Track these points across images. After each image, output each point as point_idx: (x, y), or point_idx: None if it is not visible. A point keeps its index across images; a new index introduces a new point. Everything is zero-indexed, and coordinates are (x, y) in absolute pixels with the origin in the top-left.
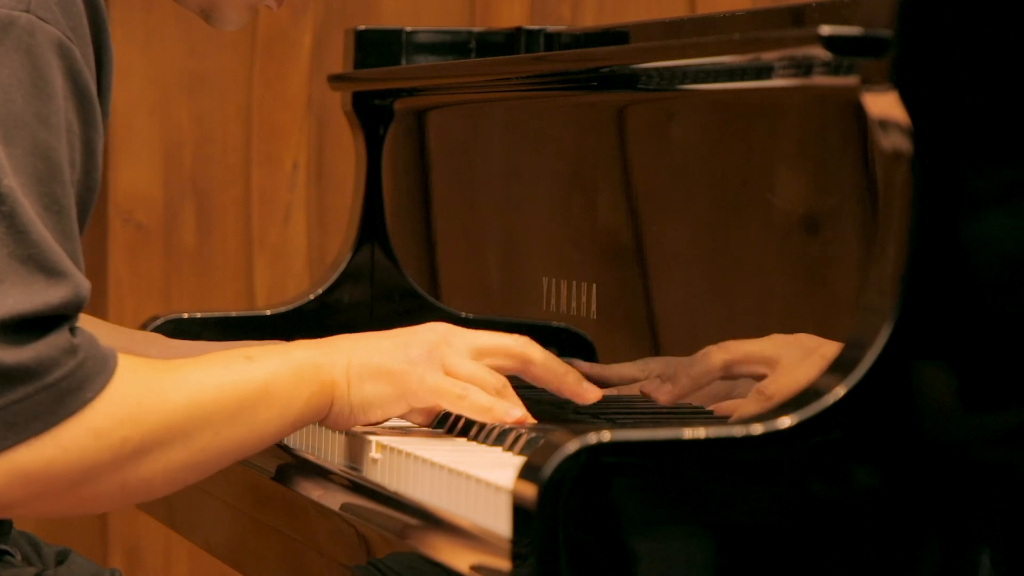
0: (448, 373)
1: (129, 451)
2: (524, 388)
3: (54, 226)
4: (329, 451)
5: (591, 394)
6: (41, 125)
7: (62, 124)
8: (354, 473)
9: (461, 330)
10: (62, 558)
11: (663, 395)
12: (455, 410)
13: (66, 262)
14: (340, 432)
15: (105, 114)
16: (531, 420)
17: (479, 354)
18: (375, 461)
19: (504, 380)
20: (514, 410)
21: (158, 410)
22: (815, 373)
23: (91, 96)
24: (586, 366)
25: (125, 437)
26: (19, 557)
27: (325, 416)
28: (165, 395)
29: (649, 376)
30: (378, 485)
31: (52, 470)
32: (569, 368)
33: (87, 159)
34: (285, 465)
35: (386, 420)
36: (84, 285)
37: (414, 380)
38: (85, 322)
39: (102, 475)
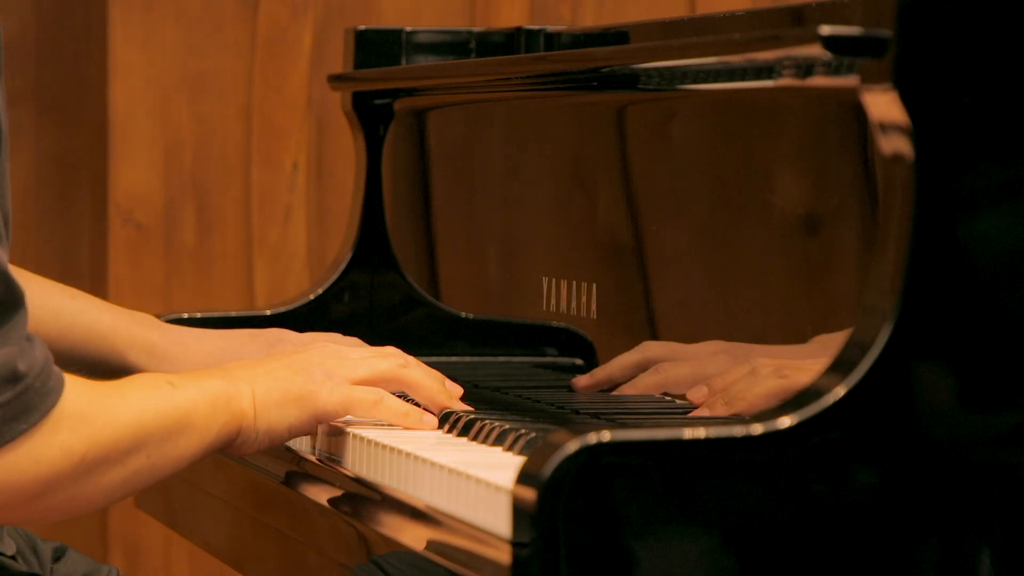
0: (354, 383)
1: (85, 468)
2: (522, 388)
3: None
4: (329, 451)
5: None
6: None
7: None
8: (354, 473)
9: (343, 351)
10: (59, 555)
11: (718, 412)
12: (371, 416)
13: None
14: (341, 433)
15: None
16: (435, 425)
17: (356, 384)
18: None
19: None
20: (427, 416)
21: (111, 430)
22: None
23: None
24: (587, 377)
25: (84, 454)
26: (13, 548)
27: (231, 443)
28: (115, 415)
29: (649, 359)
30: (378, 485)
31: (22, 481)
32: (441, 387)
33: None
34: (285, 465)
35: (293, 439)
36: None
37: (323, 398)
38: (88, 301)
39: (59, 489)
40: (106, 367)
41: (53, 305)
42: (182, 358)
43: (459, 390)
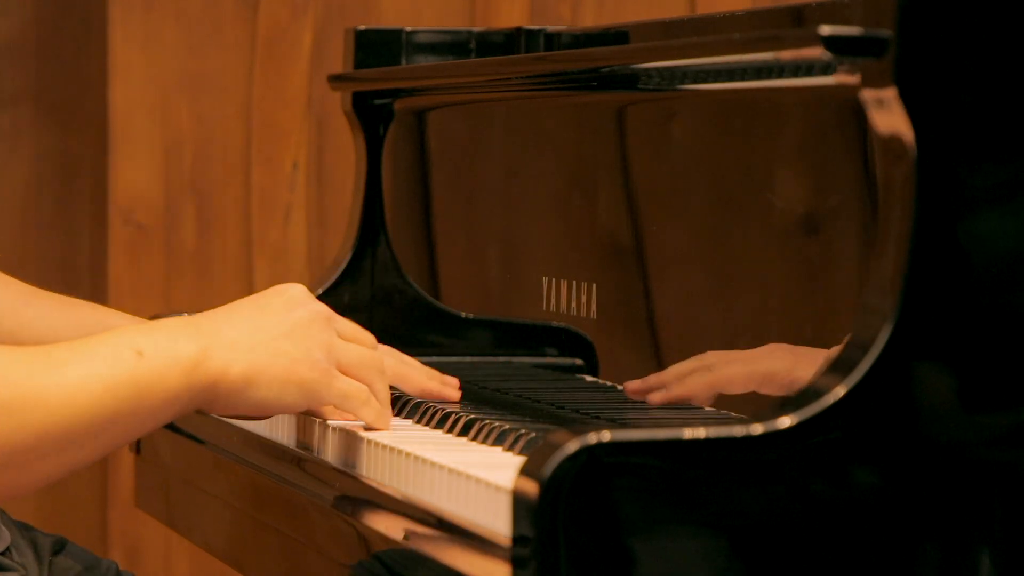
0: (342, 369)
1: (4, 459)
2: (522, 388)
3: None
4: (329, 451)
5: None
6: None
7: None
8: (354, 473)
9: (335, 323)
10: (58, 548)
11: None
12: (356, 413)
13: None
14: (341, 432)
15: None
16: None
17: (341, 368)
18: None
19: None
20: (390, 418)
21: (39, 417)
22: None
23: None
24: (639, 381)
25: (1, 445)
26: (8, 541)
27: (205, 408)
28: (44, 401)
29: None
30: (378, 485)
31: None
32: (421, 372)
33: None
34: (285, 465)
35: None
36: None
37: (323, 387)
38: (107, 312)
39: None
40: None
41: (73, 316)
42: None
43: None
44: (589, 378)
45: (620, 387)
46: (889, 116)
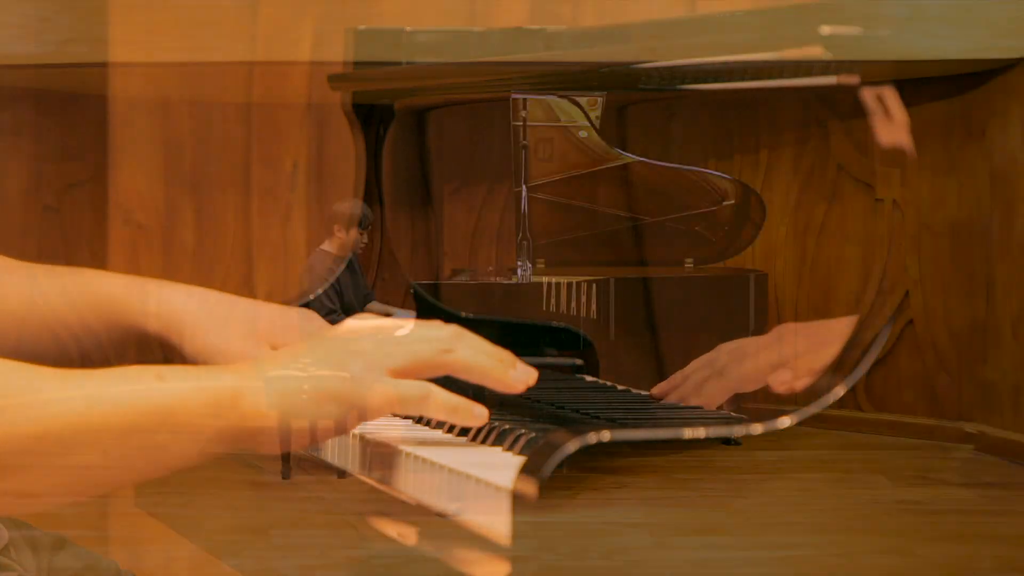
0: (398, 373)
1: None
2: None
3: None
4: (329, 451)
5: (519, 384)
6: None
7: None
8: (355, 472)
9: (381, 332)
10: (59, 546)
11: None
12: (418, 413)
13: None
14: (340, 431)
15: None
16: (485, 418)
17: (396, 374)
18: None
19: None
20: (477, 409)
21: (26, 419)
22: None
23: None
24: (665, 383)
25: None
26: (6, 539)
27: (247, 444)
28: (35, 403)
29: (715, 368)
30: (379, 484)
31: None
32: (495, 363)
33: None
34: (286, 465)
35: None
36: None
37: (364, 395)
38: (95, 273)
39: None
40: (124, 334)
41: (58, 282)
42: (203, 318)
43: (530, 372)
44: (589, 378)
45: (621, 387)
46: (889, 115)
